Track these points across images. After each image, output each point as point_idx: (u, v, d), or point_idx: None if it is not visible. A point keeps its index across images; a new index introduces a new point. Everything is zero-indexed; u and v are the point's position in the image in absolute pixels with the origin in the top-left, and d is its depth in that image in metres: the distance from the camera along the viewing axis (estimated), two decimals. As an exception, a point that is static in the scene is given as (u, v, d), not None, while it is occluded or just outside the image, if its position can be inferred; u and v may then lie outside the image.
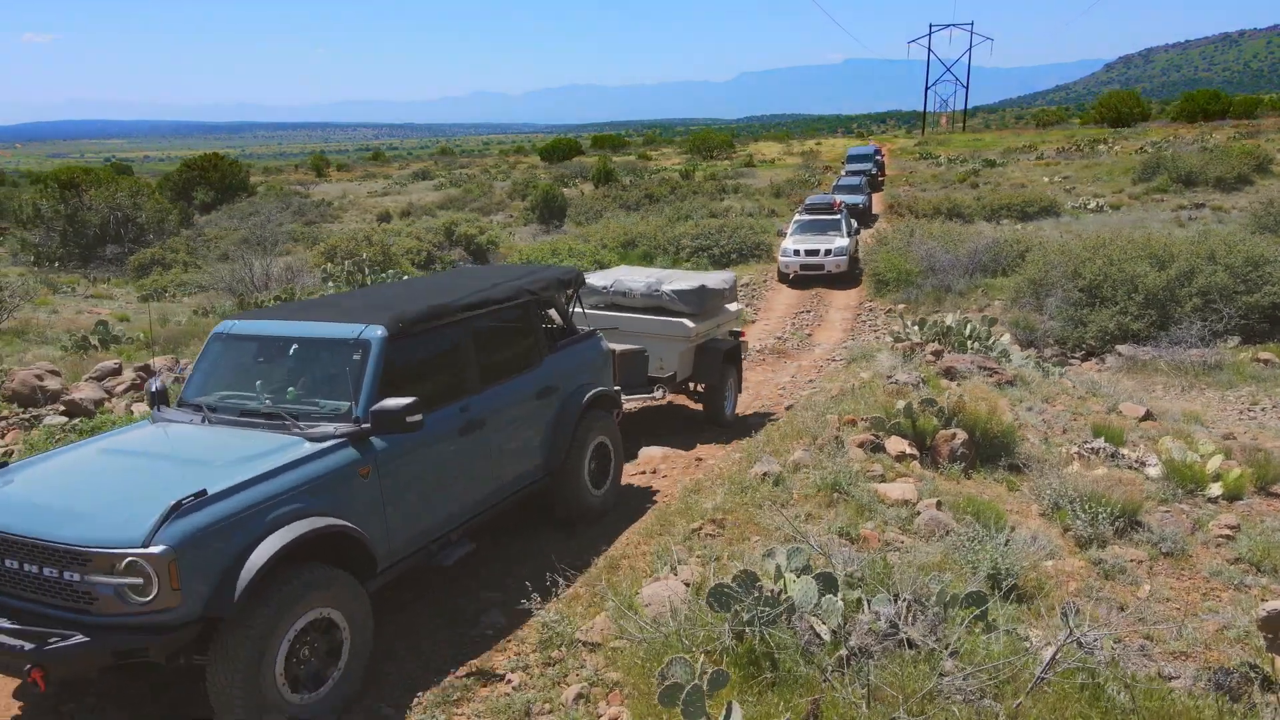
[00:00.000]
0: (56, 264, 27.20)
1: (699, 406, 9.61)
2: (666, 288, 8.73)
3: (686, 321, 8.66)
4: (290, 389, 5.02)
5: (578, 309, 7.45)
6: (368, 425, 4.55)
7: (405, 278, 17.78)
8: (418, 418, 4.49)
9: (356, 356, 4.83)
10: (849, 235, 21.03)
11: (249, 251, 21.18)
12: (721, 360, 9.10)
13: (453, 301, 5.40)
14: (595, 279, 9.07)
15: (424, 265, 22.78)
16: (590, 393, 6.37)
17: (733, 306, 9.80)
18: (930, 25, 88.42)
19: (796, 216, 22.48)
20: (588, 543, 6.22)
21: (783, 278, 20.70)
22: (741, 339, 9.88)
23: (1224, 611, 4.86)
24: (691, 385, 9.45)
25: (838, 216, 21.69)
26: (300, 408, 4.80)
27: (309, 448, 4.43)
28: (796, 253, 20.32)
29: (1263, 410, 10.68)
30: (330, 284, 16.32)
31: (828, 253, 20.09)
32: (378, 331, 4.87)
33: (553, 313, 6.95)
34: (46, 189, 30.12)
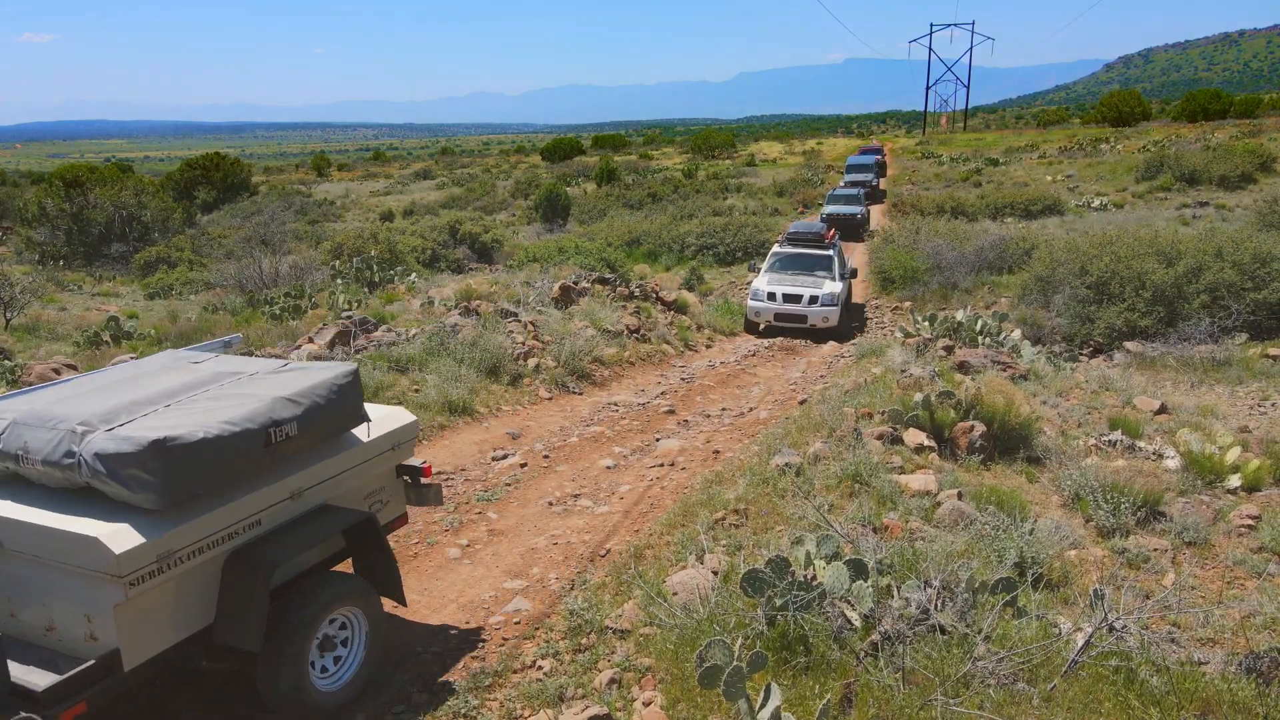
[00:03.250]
0: (61, 262, 27.23)
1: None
2: (92, 445, 3.67)
3: (111, 541, 3.50)
4: None
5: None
6: None
7: (413, 276, 17.79)
8: None
9: None
10: (842, 277, 15.97)
11: (254, 249, 21.21)
12: (275, 584, 4.09)
13: None
14: None
15: (429, 263, 22.80)
16: None
17: (368, 430, 4.69)
18: (931, 25, 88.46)
19: (775, 249, 17.16)
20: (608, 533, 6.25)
21: (750, 326, 15.68)
22: (425, 481, 4.96)
23: (1249, 599, 4.89)
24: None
25: (829, 252, 16.38)
26: None
27: None
28: (771, 296, 15.26)
29: (1273, 405, 10.68)
30: (339, 281, 16.35)
31: (813, 300, 15.10)
32: None
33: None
34: (51, 187, 30.18)
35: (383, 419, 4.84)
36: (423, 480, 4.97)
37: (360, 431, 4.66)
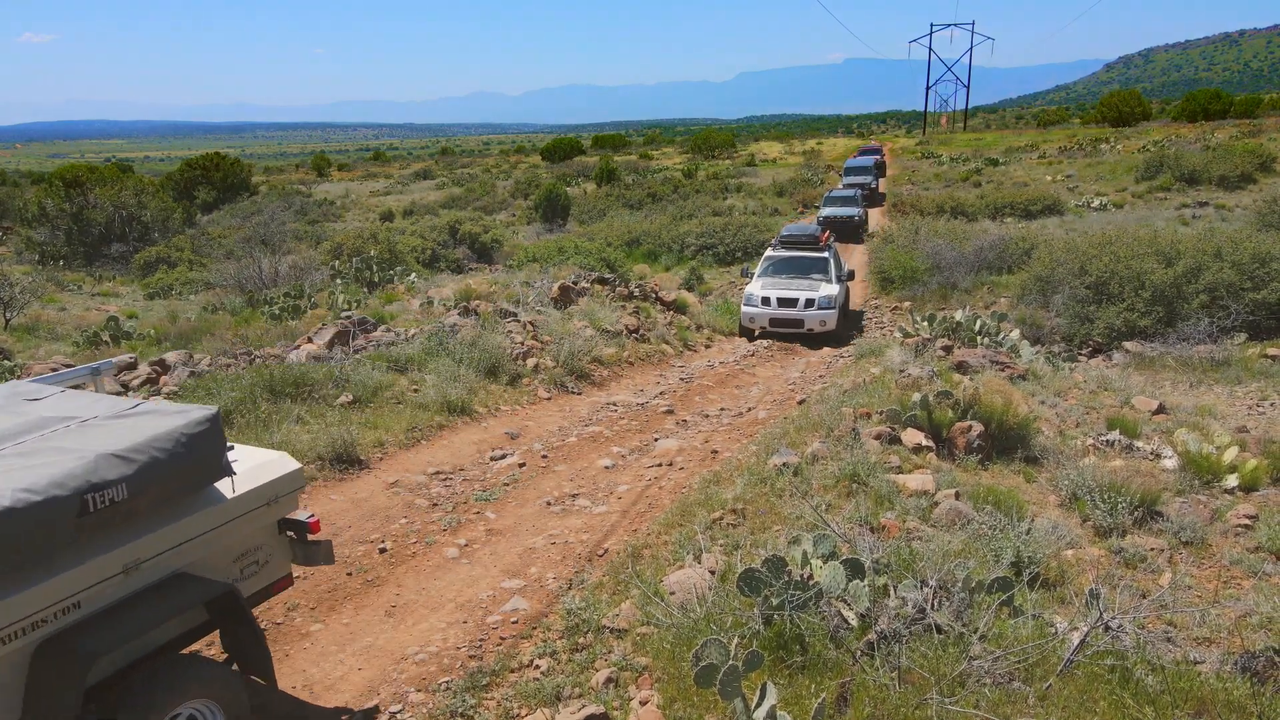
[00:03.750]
0: (61, 262, 27.25)
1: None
2: None
3: None
4: None
5: None
6: None
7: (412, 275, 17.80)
8: None
9: None
10: (838, 279, 15.48)
11: (254, 249, 21.25)
12: (103, 675, 3.48)
13: None
14: None
15: (429, 263, 22.82)
16: None
17: (233, 485, 3.94)
18: (931, 25, 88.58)
19: (768, 252, 16.73)
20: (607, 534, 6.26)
21: (744, 332, 15.19)
22: (312, 537, 4.30)
23: (1245, 598, 4.89)
24: None
25: (824, 254, 16.01)
26: None
27: None
28: (766, 301, 14.86)
29: (1271, 405, 10.69)
30: (339, 281, 16.36)
31: (809, 304, 14.65)
32: None
33: None
34: (52, 187, 30.22)
35: (256, 469, 4.10)
36: (310, 536, 4.28)
37: (224, 486, 3.92)
